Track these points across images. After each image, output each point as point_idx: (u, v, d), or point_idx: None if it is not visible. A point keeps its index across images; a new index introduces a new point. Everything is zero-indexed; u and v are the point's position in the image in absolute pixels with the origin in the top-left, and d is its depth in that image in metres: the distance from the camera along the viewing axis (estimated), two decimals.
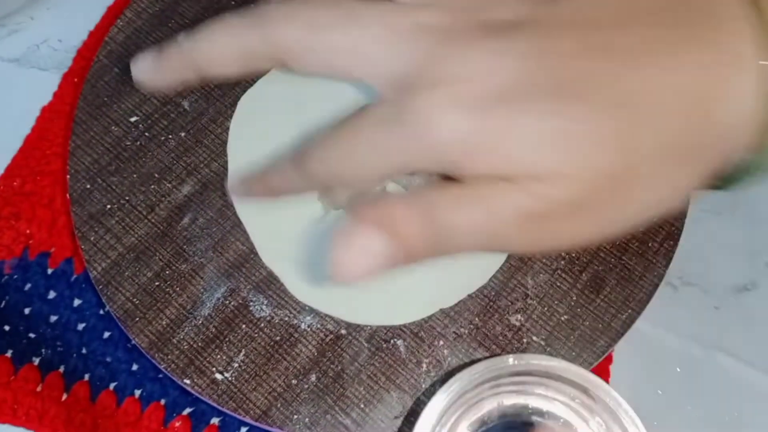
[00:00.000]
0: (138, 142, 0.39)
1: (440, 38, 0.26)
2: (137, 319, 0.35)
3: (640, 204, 0.25)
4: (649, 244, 0.36)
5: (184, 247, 0.36)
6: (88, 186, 0.38)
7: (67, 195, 0.38)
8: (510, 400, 0.29)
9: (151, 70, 0.31)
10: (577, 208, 0.24)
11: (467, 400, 0.29)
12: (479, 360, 0.28)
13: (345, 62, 0.27)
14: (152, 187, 0.38)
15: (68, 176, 0.38)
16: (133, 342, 0.35)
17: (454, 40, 0.25)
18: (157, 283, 0.36)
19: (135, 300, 0.35)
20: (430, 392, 0.33)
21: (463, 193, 0.25)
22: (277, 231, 0.37)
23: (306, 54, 0.28)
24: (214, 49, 0.29)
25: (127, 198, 0.37)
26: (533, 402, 0.29)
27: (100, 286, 0.36)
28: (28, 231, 0.41)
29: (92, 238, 0.36)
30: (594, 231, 0.25)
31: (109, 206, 0.37)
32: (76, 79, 0.45)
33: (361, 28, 0.27)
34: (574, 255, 0.36)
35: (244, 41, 0.28)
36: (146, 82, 0.31)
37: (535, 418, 0.29)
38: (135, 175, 0.38)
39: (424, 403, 0.33)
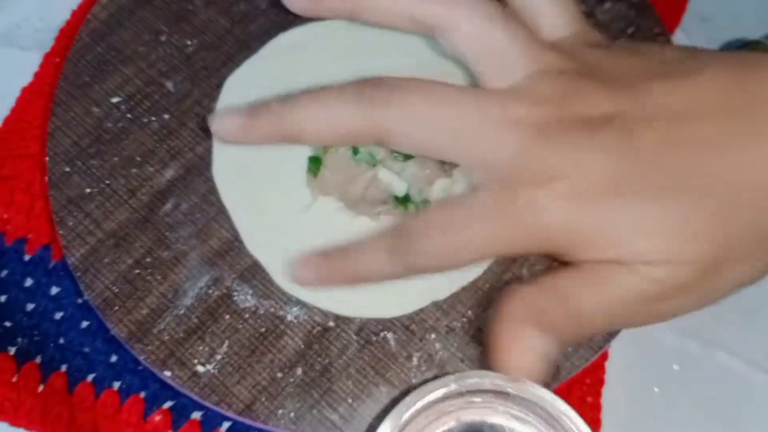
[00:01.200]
0: (120, 124, 0.37)
1: (534, 132, 0.28)
2: (116, 308, 0.34)
3: (733, 281, 0.28)
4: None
5: (166, 233, 0.35)
6: (67, 169, 0.36)
7: (46, 179, 0.36)
8: (468, 417, 0.27)
9: (239, 130, 0.31)
10: (682, 289, 0.27)
11: (426, 416, 0.27)
12: (432, 379, 0.27)
13: (443, 147, 0.29)
14: (134, 170, 0.36)
15: (47, 159, 0.37)
16: (112, 332, 0.33)
17: (547, 135, 0.27)
18: (137, 271, 0.34)
19: (114, 288, 0.34)
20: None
21: (586, 280, 0.27)
22: (263, 218, 0.35)
23: (405, 138, 0.29)
24: (311, 123, 0.30)
25: (107, 182, 0.36)
26: (492, 418, 0.27)
27: (78, 274, 0.34)
28: (5, 216, 0.39)
29: (70, 224, 0.35)
30: (695, 306, 0.28)
31: (88, 190, 0.36)
32: (57, 60, 0.43)
33: (460, 115, 0.29)
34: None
35: (345, 121, 0.29)
36: (229, 139, 0.32)
37: None
38: (116, 158, 0.37)
39: None
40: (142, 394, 0.35)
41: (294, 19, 0.39)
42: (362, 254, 0.31)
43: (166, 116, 0.38)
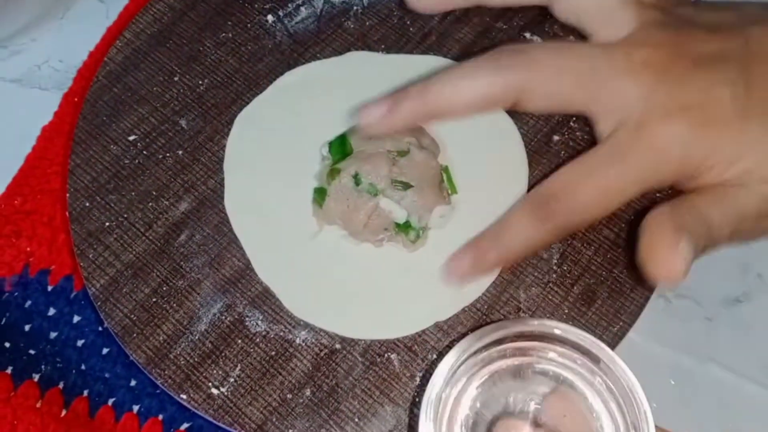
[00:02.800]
0: (136, 161, 0.39)
1: (660, 72, 0.31)
2: (135, 335, 0.35)
3: None
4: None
5: (181, 263, 0.37)
6: (87, 204, 0.38)
7: (67, 213, 0.38)
8: (516, 361, 0.30)
9: (386, 118, 0.33)
10: None
11: (477, 361, 0.29)
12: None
13: (576, 98, 0.33)
14: (150, 204, 0.38)
15: (68, 194, 0.39)
16: (131, 358, 0.35)
17: (672, 73, 0.31)
18: (154, 300, 0.36)
19: (133, 316, 0.36)
20: None
21: (715, 198, 0.31)
22: (273, 246, 0.37)
23: (542, 95, 0.32)
24: (457, 95, 0.32)
25: (125, 215, 0.38)
26: (538, 363, 0.30)
27: (99, 303, 0.36)
28: (28, 249, 0.41)
29: (91, 256, 0.37)
30: None
31: (107, 224, 0.38)
32: (76, 99, 0.45)
33: (589, 67, 0.32)
34: (565, 268, 0.36)
35: (486, 89, 0.32)
36: (377, 129, 0.34)
37: (541, 378, 0.30)
38: (133, 193, 0.39)
39: (419, 416, 0.33)
40: (161, 417, 0.37)
41: (298, 58, 0.42)
42: (508, 232, 0.33)
43: (180, 152, 0.40)
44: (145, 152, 0.40)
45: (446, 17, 0.42)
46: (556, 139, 0.39)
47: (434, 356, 0.35)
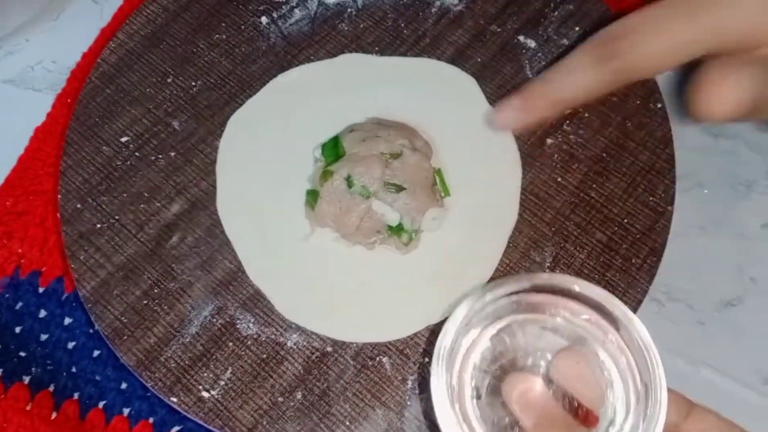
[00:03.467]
0: (128, 162, 0.39)
1: None
2: (125, 337, 0.35)
3: None
4: (633, 261, 0.36)
5: (173, 265, 0.37)
6: (79, 205, 0.38)
7: (58, 214, 0.38)
8: (530, 316, 0.29)
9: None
10: None
11: (489, 313, 0.29)
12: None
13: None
14: (141, 206, 0.38)
15: (59, 196, 0.38)
16: (122, 360, 0.35)
17: None
18: (145, 302, 0.36)
19: (123, 319, 0.36)
20: (415, 409, 0.34)
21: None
22: (265, 249, 0.37)
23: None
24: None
25: (116, 217, 0.38)
26: (551, 319, 0.29)
27: (89, 305, 0.36)
28: (20, 250, 0.41)
29: (82, 257, 0.37)
30: None
31: (99, 225, 0.38)
32: (69, 100, 0.45)
33: None
34: (558, 272, 0.36)
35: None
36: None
37: (553, 334, 0.29)
38: (125, 195, 0.38)
39: (410, 420, 0.33)
40: (151, 420, 0.37)
41: (292, 60, 0.41)
42: (565, 70, 0.32)
43: (173, 154, 0.39)
44: (137, 154, 0.39)
45: (440, 20, 0.42)
46: (549, 142, 0.39)
47: (426, 359, 0.35)
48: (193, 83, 0.41)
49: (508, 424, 0.28)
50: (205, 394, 0.34)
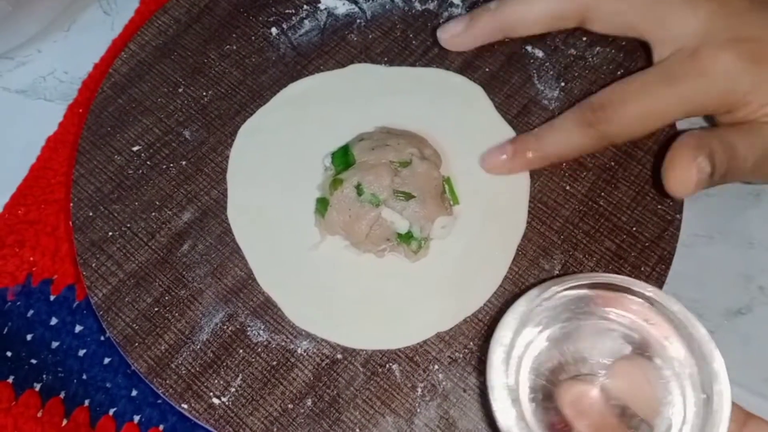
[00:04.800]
0: (140, 171, 0.40)
1: (719, 5, 0.33)
2: (136, 344, 0.35)
3: None
4: (642, 269, 0.36)
5: (184, 273, 0.37)
6: (91, 214, 0.39)
7: (70, 223, 0.38)
8: (587, 318, 0.29)
9: (464, 33, 0.37)
10: None
11: (545, 314, 0.29)
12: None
13: (637, 25, 0.35)
14: (153, 214, 0.38)
15: (71, 204, 0.39)
16: (133, 367, 0.35)
17: (731, 6, 0.33)
18: (156, 309, 0.36)
19: (135, 326, 0.36)
20: (425, 417, 0.34)
21: (742, 131, 0.32)
22: (275, 256, 0.37)
23: (606, 15, 0.35)
24: (530, 12, 0.36)
25: (128, 225, 0.38)
26: (610, 324, 0.29)
27: (101, 312, 0.36)
28: (31, 258, 0.42)
29: (93, 265, 0.37)
30: None
31: (110, 233, 0.38)
32: (81, 110, 0.46)
33: None
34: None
35: (557, 4, 0.35)
36: (453, 44, 0.38)
37: (612, 339, 0.29)
38: (136, 203, 0.39)
39: (420, 428, 0.33)
40: (161, 427, 0.37)
41: (302, 70, 0.42)
42: (552, 130, 0.35)
43: (184, 162, 0.40)
44: (148, 162, 0.40)
45: None
46: None
47: (436, 367, 0.35)
48: (204, 93, 0.42)
49: (560, 430, 0.27)
50: (215, 401, 0.34)
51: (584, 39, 0.42)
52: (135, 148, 0.40)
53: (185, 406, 0.34)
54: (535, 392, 0.28)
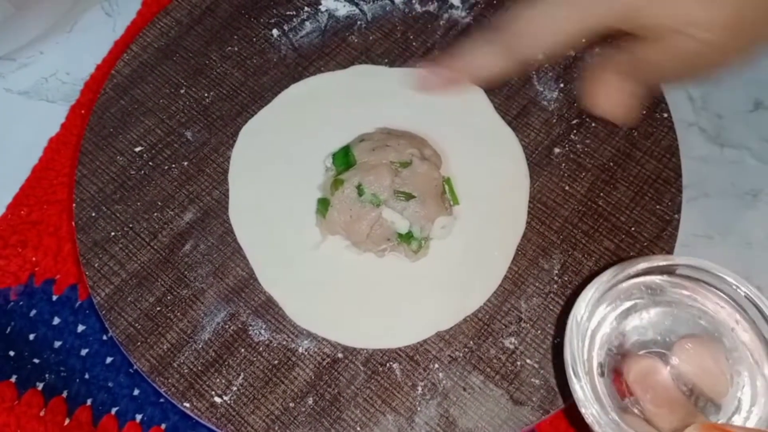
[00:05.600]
0: (142, 171, 0.40)
1: None
2: (139, 343, 0.36)
3: (747, 45, 0.32)
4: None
5: (186, 273, 0.37)
6: (93, 214, 0.39)
7: (73, 223, 0.39)
8: (657, 298, 0.30)
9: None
10: (716, 47, 0.32)
11: (618, 293, 0.30)
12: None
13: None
14: (155, 214, 0.39)
15: (74, 204, 0.39)
16: (135, 367, 0.35)
17: None
18: (158, 309, 0.36)
19: (137, 325, 0.36)
20: (425, 415, 0.34)
21: (651, 42, 0.33)
22: (276, 256, 0.37)
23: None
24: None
25: (130, 225, 0.38)
26: (680, 304, 0.30)
27: (103, 312, 0.36)
28: (34, 258, 0.42)
29: (96, 265, 0.37)
30: (724, 64, 0.33)
31: (113, 233, 0.38)
32: (83, 111, 0.46)
33: None
34: (566, 279, 0.37)
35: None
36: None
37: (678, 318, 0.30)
38: (139, 203, 0.39)
39: (420, 426, 0.33)
40: (163, 426, 0.37)
41: (303, 71, 0.42)
42: (473, 55, 0.35)
43: (186, 163, 0.40)
44: (150, 163, 0.40)
45: (448, 32, 0.43)
46: (557, 152, 0.40)
47: (436, 365, 0.35)
48: (206, 94, 0.42)
49: (627, 403, 0.28)
50: (217, 400, 0.34)
51: (583, 40, 0.42)
52: (137, 149, 0.41)
53: (187, 405, 0.34)
54: (604, 367, 0.29)
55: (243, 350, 0.35)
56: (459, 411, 0.34)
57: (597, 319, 0.30)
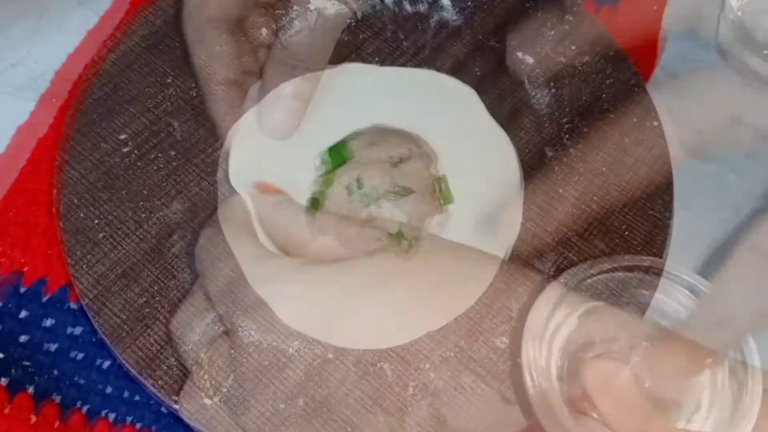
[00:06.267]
0: (127, 160, 0.40)
1: None
2: (124, 335, 0.36)
3: None
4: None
5: (174, 273, 0.37)
6: (76, 201, 0.39)
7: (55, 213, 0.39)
8: (617, 299, 0.30)
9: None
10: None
11: (577, 295, 0.30)
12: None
13: None
14: (141, 203, 0.39)
15: (55, 191, 0.39)
16: (120, 361, 0.35)
17: None
18: (147, 310, 0.36)
19: (123, 316, 0.36)
20: (417, 415, 0.34)
21: None
22: (266, 255, 0.37)
23: None
24: None
25: (115, 214, 0.38)
26: (640, 305, 0.30)
27: (86, 301, 0.36)
28: (22, 260, 0.41)
29: (79, 253, 0.37)
30: None
31: (96, 221, 0.38)
32: (54, 100, 0.45)
33: None
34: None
35: None
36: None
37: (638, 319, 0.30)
38: (123, 192, 0.39)
39: (411, 426, 0.33)
40: (154, 428, 0.37)
41: None
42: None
43: (172, 153, 0.40)
44: (136, 152, 0.40)
45: (439, 33, 0.43)
46: (549, 154, 0.40)
47: (427, 365, 0.35)
48: (193, 85, 0.42)
49: (586, 407, 0.28)
50: (207, 402, 0.34)
51: (573, 48, 0.42)
52: (122, 137, 0.40)
53: (177, 407, 0.34)
54: (562, 372, 0.28)
55: (232, 351, 0.35)
56: (450, 411, 0.34)
57: (555, 323, 0.29)
